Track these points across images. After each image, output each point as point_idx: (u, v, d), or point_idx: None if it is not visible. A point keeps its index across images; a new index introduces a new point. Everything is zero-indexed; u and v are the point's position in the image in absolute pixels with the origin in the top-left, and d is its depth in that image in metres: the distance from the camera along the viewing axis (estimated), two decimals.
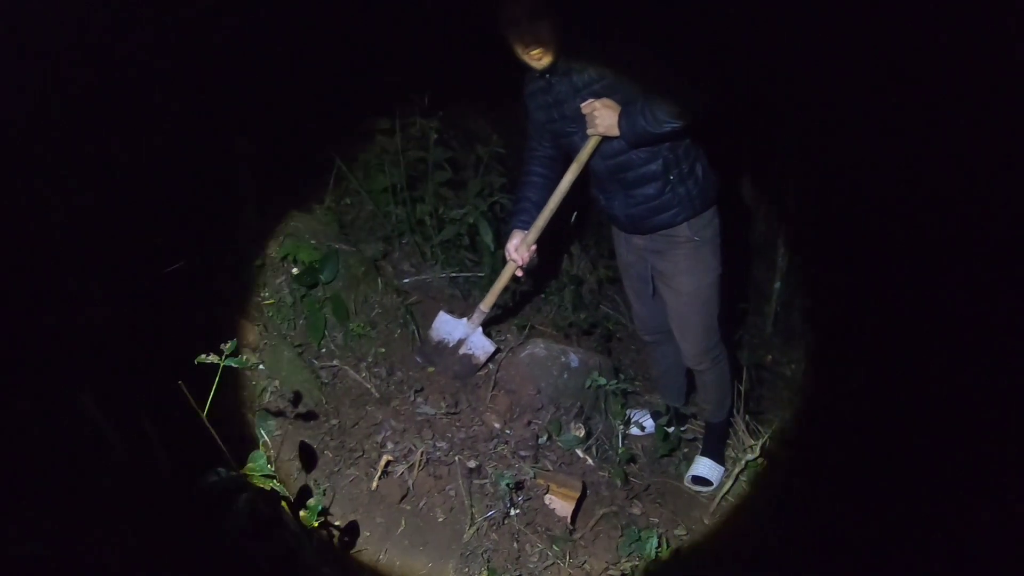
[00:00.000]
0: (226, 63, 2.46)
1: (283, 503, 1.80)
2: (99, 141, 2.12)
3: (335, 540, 2.02)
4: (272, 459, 2.16)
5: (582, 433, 2.57)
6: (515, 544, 2.17)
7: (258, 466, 1.69)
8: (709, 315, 2.35)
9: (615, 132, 2.07)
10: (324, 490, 2.16)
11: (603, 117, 2.07)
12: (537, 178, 2.38)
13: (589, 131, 2.13)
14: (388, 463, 2.20)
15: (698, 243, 2.22)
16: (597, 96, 2.08)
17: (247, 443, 2.20)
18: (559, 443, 2.52)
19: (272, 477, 1.72)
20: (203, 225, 2.55)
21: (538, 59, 2.07)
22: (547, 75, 2.15)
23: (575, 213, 3.08)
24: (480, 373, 2.64)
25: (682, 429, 2.86)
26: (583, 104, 2.11)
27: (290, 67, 2.88)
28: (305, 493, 2.09)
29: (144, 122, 2.26)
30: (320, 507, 1.79)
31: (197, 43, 2.34)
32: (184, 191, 2.45)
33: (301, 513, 1.78)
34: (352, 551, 2.06)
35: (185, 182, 2.45)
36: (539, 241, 2.40)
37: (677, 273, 2.28)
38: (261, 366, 2.39)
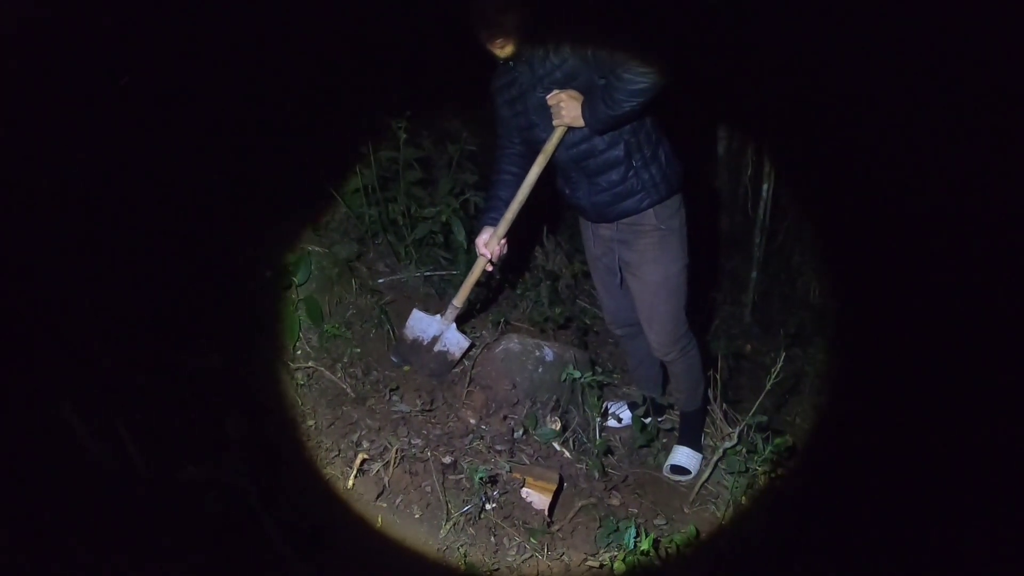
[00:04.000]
0: (198, 64, 2.45)
1: (257, 501, 1.80)
2: (70, 154, 2.10)
3: (311, 538, 2.02)
4: (246, 457, 2.15)
5: (558, 426, 2.58)
6: (492, 538, 2.17)
7: (232, 464, 1.69)
8: (676, 305, 2.36)
9: (580, 123, 2.10)
10: (300, 489, 2.15)
11: (568, 108, 2.09)
12: (508, 176, 2.40)
13: (555, 122, 2.15)
14: (363, 461, 2.20)
15: (664, 232, 2.24)
16: (559, 85, 2.11)
17: (222, 441, 2.19)
18: (536, 437, 2.53)
19: (246, 475, 1.72)
20: (177, 228, 2.54)
21: (500, 48, 2.13)
22: (510, 64, 2.19)
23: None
24: (456, 370, 2.64)
25: (659, 419, 2.88)
26: (549, 96, 2.13)
27: (259, 68, 2.87)
28: (279, 492, 2.08)
29: (128, 130, 2.25)
30: (295, 506, 1.79)
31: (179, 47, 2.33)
32: (154, 193, 2.44)
33: (275, 511, 1.77)
34: (328, 548, 2.05)
35: (154, 183, 2.44)
36: (514, 238, 2.41)
37: (644, 263, 2.30)
38: None
